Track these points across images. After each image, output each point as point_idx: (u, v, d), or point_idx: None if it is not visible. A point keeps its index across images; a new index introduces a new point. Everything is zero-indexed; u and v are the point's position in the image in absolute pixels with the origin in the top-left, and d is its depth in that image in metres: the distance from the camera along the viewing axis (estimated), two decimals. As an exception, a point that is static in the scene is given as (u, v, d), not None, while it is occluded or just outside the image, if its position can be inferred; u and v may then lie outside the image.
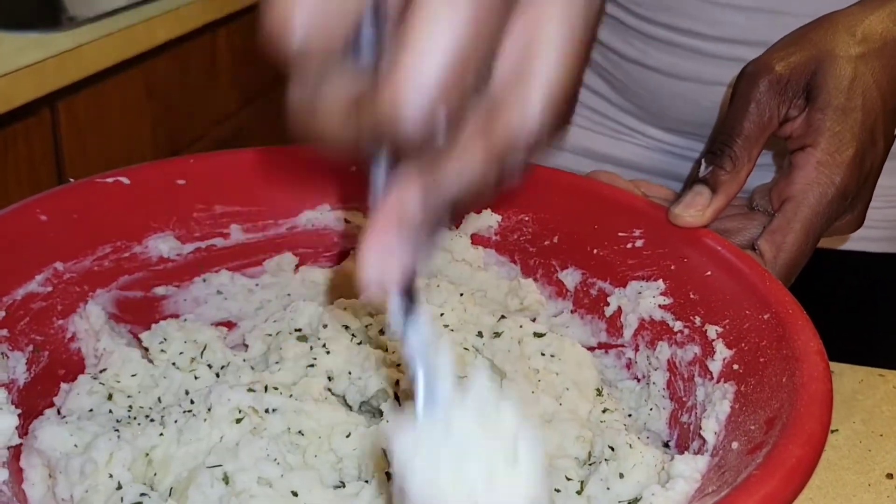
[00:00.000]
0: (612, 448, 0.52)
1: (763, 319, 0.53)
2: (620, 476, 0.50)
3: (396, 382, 0.56)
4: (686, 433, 0.56)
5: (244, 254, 0.68)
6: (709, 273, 0.59)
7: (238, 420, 0.53)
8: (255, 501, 0.48)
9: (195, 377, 0.58)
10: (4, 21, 1.53)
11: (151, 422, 0.54)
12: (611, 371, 0.64)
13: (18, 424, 0.51)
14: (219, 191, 0.67)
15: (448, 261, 0.69)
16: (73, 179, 0.64)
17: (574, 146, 0.90)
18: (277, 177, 0.67)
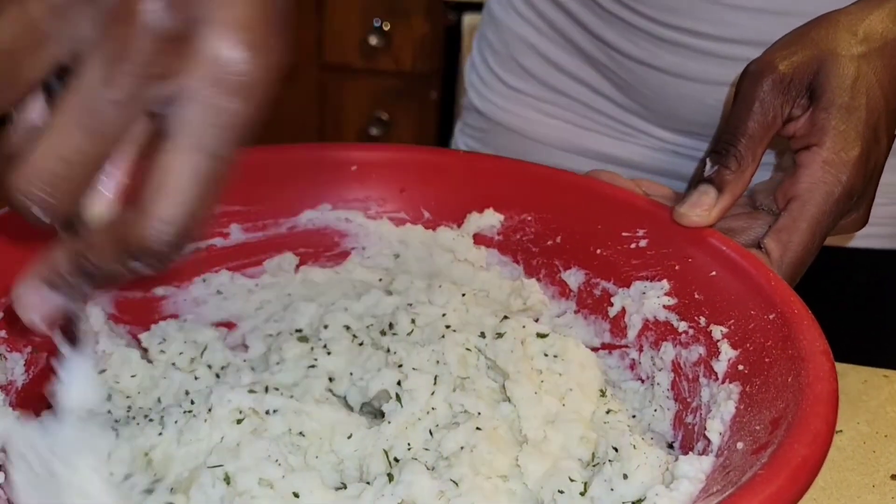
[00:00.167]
0: (616, 449, 0.52)
1: (768, 319, 0.53)
2: (624, 477, 0.50)
3: (398, 383, 0.55)
4: (691, 434, 0.56)
5: (244, 254, 0.68)
6: (714, 273, 0.58)
7: (239, 421, 0.52)
8: (257, 502, 0.48)
9: (195, 377, 0.58)
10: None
11: (150, 422, 0.53)
12: (614, 372, 0.63)
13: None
14: (219, 190, 0.66)
15: (450, 261, 0.68)
16: (73, 179, 0.63)
17: (577, 147, 0.90)
18: (278, 176, 0.67)
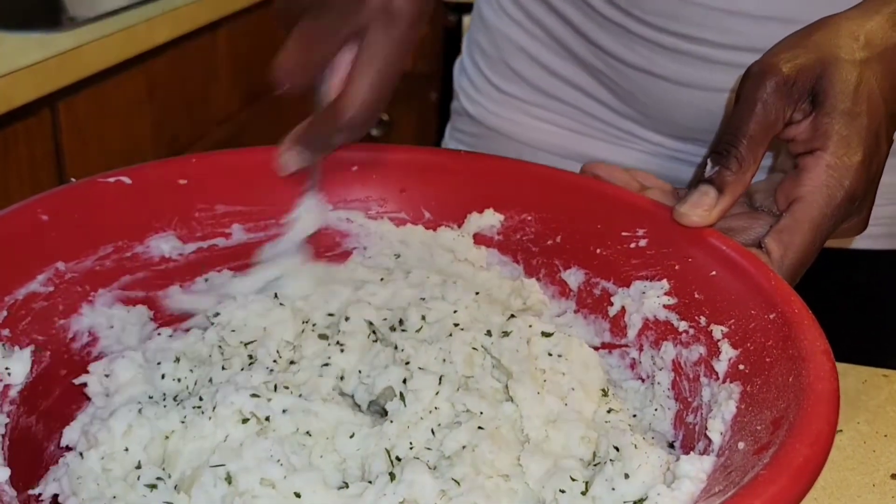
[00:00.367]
0: (617, 448, 0.52)
1: (769, 319, 0.53)
2: (625, 476, 0.50)
3: (403, 381, 0.55)
4: (691, 433, 0.56)
5: (246, 253, 0.68)
6: (714, 273, 0.59)
7: (244, 420, 0.52)
8: (258, 502, 0.48)
9: (222, 368, 0.58)
10: (5, 21, 1.53)
11: (177, 405, 0.54)
12: (615, 371, 0.63)
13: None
14: (220, 190, 0.67)
15: (451, 261, 0.68)
16: (75, 179, 0.64)
17: (571, 152, 0.90)
18: (279, 176, 0.67)
